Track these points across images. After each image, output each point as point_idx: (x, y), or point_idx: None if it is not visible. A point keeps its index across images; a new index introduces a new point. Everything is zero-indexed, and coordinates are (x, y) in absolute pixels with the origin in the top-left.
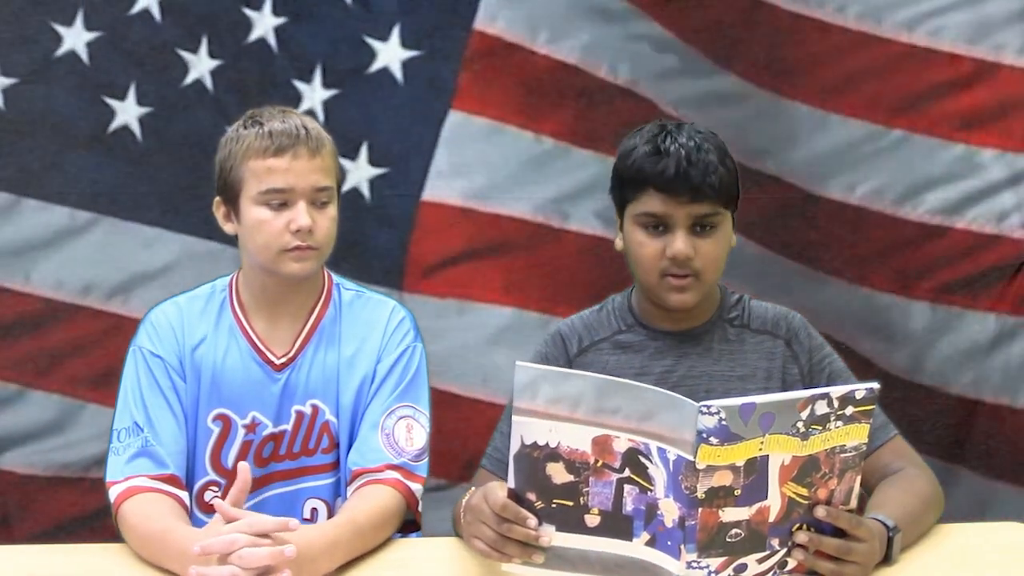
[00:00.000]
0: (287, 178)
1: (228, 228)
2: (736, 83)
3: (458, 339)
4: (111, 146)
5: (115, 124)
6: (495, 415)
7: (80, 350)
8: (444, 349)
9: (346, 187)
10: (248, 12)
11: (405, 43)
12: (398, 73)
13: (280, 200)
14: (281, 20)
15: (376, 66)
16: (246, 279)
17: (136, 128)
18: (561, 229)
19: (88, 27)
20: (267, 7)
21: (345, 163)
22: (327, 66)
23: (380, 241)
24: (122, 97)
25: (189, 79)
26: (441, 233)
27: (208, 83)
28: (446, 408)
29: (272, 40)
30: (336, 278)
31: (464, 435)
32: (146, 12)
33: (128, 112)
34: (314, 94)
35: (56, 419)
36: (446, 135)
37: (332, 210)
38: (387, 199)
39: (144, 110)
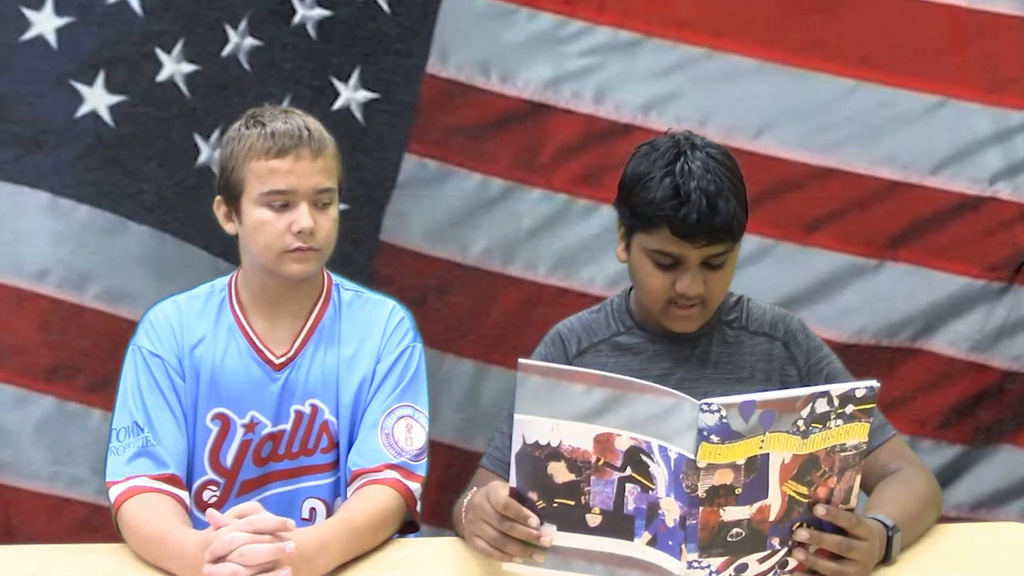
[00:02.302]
0: (289, 180)
1: (229, 228)
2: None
3: None
4: (80, 133)
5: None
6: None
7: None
8: None
9: None
10: (228, 28)
11: (365, 85)
12: (358, 113)
13: (282, 201)
14: (257, 43)
15: (338, 104)
16: (246, 279)
17: (106, 115)
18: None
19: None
20: (243, 25)
21: None
22: (295, 99)
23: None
24: (91, 83)
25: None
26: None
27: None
28: None
29: (245, 61)
30: (336, 278)
31: None
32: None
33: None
34: None
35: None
36: (402, 178)
37: (333, 211)
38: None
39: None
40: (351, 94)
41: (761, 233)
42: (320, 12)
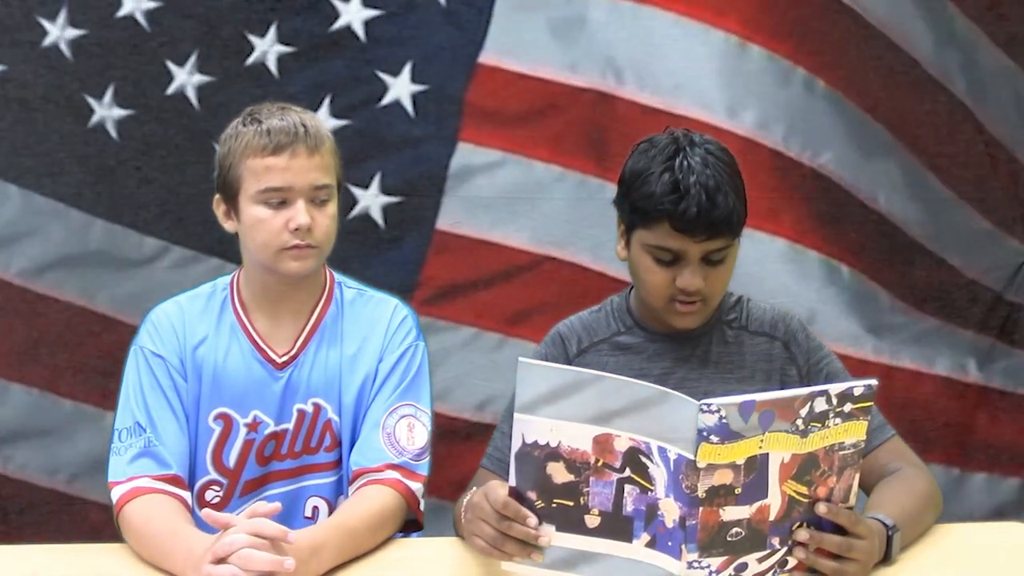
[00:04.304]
0: (285, 177)
1: (228, 226)
2: None
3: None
4: (88, 142)
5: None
6: None
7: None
8: None
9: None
10: (252, 38)
11: (416, 78)
12: (409, 106)
13: (279, 199)
14: (288, 49)
15: (388, 99)
16: (247, 277)
17: (112, 129)
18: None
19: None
20: (271, 33)
21: (357, 191)
22: (336, 96)
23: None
24: (100, 97)
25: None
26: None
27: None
28: None
29: (273, 67)
30: (338, 277)
31: None
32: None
33: (107, 111)
34: (325, 122)
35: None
36: (455, 167)
37: (332, 208)
38: (401, 226)
39: (123, 112)
40: (402, 88)
41: None
42: (369, 12)
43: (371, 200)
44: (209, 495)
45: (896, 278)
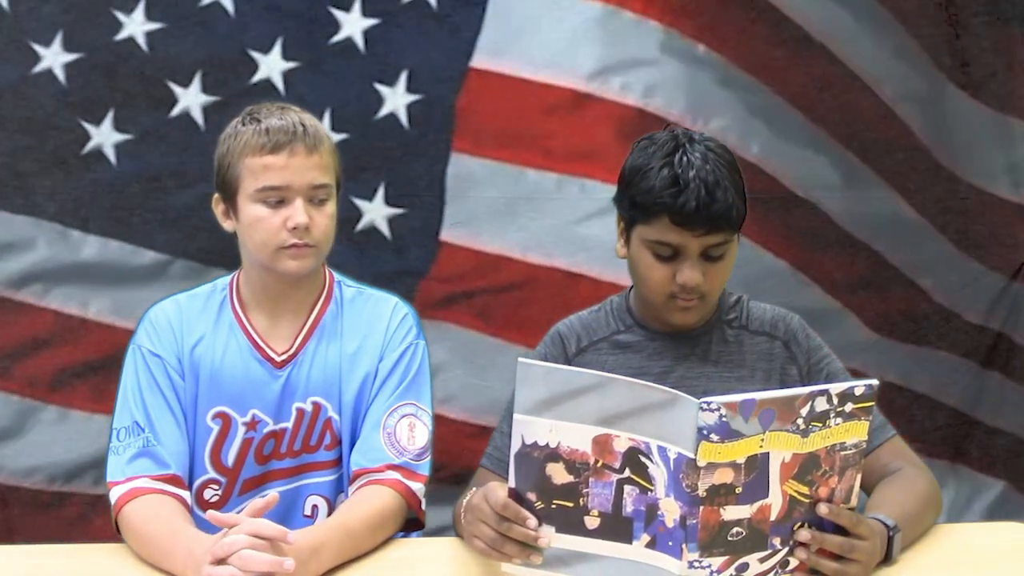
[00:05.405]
0: (283, 175)
1: (227, 225)
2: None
3: None
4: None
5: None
6: None
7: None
8: None
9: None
10: (255, 55)
11: (411, 88)
12: (403, 117)
13: (277, 198)
14: (292, 65)
15: (384, 111)
16: (246, 276)
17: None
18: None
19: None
20: (276, 51)
21: (362, 203)
22: (336, 108)
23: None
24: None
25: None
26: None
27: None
28: None
29: (279, 83)
30: (337, 275)
31: None
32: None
33: (105, 137)
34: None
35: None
36: (450, 177)
37: (330, 207)
38: (406, 237)
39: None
40: (398, 99)
41: None
42: (368, 22)
43: (376, 212)
44: (208, 494)
45: (873, 303)
